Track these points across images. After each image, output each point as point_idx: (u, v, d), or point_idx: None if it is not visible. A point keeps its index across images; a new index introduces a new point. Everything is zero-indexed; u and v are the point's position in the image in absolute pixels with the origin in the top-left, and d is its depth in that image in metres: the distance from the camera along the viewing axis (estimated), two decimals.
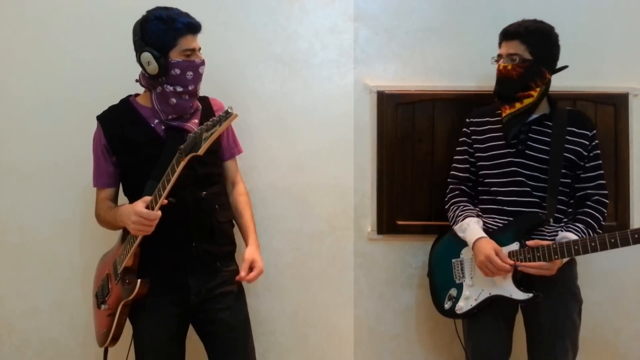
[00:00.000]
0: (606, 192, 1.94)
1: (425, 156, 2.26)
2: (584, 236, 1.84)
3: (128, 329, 1.89)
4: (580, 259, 1.86)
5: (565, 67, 1.95)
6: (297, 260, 2.28)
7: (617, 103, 2.24)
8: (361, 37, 2.27)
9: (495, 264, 1.83)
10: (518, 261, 1.84)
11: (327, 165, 2.26)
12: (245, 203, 1.99)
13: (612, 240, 1.68)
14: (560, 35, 1.92)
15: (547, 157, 1.89)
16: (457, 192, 2.06)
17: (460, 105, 2.23)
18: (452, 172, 2.09)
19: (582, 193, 1.93)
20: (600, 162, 1.94)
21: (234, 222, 2.00)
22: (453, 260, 2.02)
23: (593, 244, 1.72)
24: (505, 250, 1.87)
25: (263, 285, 2.27)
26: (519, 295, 1.85)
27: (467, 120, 2.06)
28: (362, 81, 2.27)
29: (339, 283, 2.29)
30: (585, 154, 1.91)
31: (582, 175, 1.92)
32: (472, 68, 2.24)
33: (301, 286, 2.29)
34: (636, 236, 1.65)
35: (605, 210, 1.92)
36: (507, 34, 1.92)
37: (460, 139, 2.08)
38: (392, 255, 2.30)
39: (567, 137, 1.90)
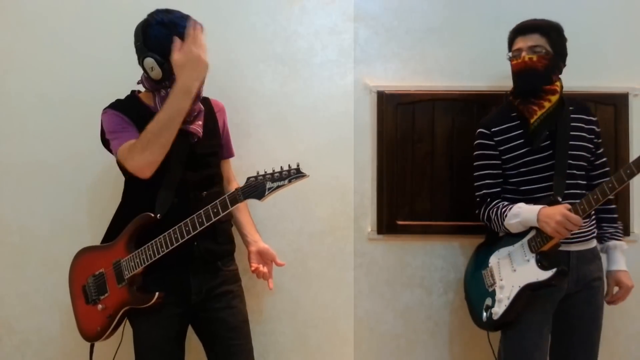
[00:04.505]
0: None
1: (425, 156, 2.26)
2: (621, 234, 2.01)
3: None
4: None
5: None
6: (297, 261, 2.28)
7: (617, 103, 2.24)
8: (361, 37, 2.27)
9: (572, 218, 1.75)
10: None
11: (327, 165, 2.26)
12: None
13: (629, 172, 1.72)
14: None
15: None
16: (496, 202, 1.95)
17: (460, 105, 2.23)
18: (484, 191, 1.96)
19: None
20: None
21: (232, 221, 2.00)
22: (482, 272, 1.97)
23: (610, 185, 1.74)
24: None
25: (263, 285, 2.27)
26: (544, 275, 1.81)
27: (488, 131, 1.94)
28: (362, 81, 2.27)
29: (339, 283, 2.29)
30: (592, 137, 1.94)
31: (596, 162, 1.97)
32: (472, 68, 2.24)
33: (301, 286, 2.29)
34: None
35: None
36: (525, 29, 1.89)
37: (483, 152, 1.96)
38: (392, 255, 2.30)
39: (571, 124, 1.89)
